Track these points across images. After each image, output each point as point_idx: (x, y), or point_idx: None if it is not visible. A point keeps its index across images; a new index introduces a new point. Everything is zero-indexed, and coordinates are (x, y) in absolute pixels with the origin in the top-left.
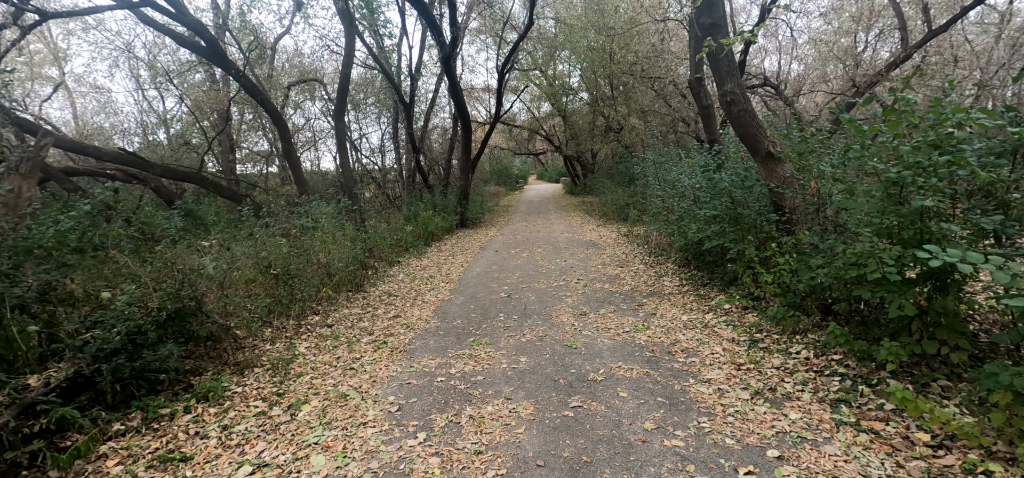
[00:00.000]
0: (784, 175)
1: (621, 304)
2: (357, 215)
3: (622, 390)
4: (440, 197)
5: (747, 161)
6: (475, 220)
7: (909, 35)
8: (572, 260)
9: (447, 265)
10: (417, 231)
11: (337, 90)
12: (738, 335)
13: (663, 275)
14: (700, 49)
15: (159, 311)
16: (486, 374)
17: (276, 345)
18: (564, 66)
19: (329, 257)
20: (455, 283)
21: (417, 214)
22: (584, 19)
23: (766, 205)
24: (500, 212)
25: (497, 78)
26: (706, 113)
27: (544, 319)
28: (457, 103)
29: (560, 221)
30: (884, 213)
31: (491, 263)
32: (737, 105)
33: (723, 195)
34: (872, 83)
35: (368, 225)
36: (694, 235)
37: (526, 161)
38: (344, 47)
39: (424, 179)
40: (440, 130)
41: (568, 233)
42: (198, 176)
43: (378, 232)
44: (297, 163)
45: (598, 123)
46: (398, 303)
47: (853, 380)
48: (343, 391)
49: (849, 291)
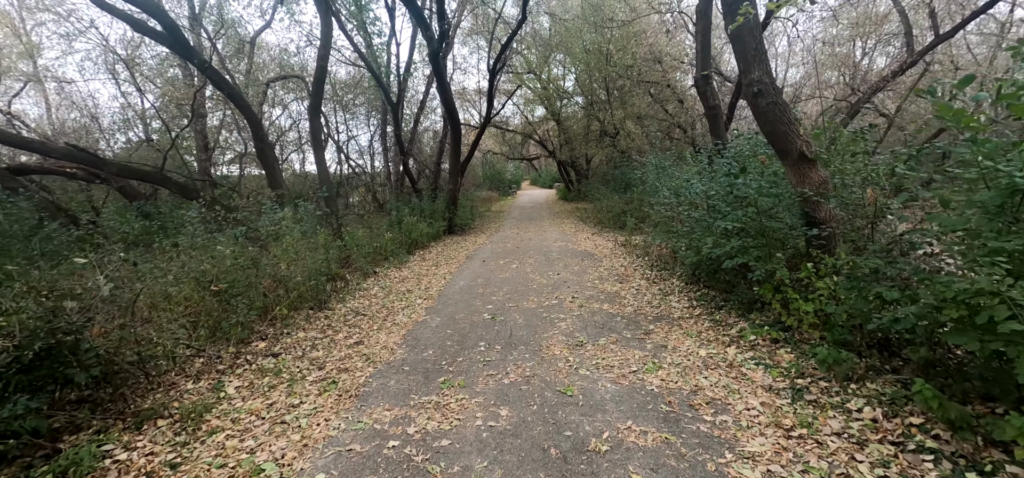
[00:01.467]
0: (819, 180)
1: (624, 331)
2: (333, 220)
3: (635, 470)
4: (428, 202)
5: (771, 164)
6: (464, 226)
7: (914, 41)
8: (566, 273)
9: (428, 277)
10: (400, 238)
11: (312, 82)
12: (774, 380)
13: (669, 293)
14: (708, 39)
15: (18, 350)
16: (454, 436)
17: (201, 383)
18: (559, 69)
19: (290, 269)
20: (434, 299)
21: (401, 220)
22: (581, 19)
23: (797, 216)
24: (491, 218)
25: (488, 77)
26: (713, 114)
27: (533, 350)
28: (445, 102)
29: (553, 228)
30: (1001, 234)
31: (477, 275)
32: (765, 96)
33: (746, 204)
34: (877, 88)
35: (346, 232)
36: (709, 250)
37: (519, 166)
38: (320, 35)
39: (412, 183)
40: (432, 133)
41: (561, 242)
42: (159, 175)
43: (355, 240)
44: (272, 162)
45: (593, 128)
46: (364, 325)
47: (954, 462)
48: (259, 463)
49: (931, 333)
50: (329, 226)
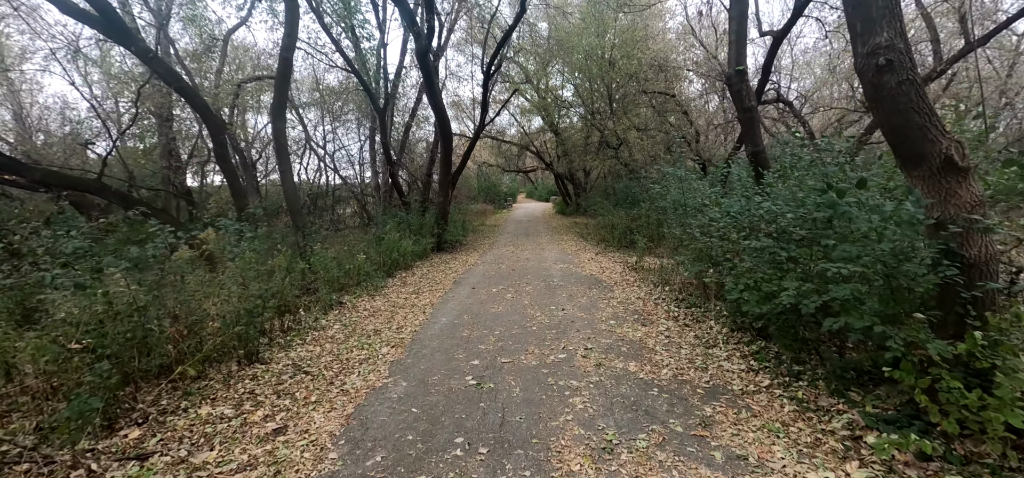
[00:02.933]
0: (973, 201)
1: (669, 418)
2: (299, 238)
3: None
4: (416, 216)
5: (893, 178)
6: (455, 243)
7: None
8: (572, 308)
9: (405, 310)
10: (379, 258)
11: (276, 79)
12: None
13: (711, 344)
14: (744, 27)
15: None
16: None
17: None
18: (557, 79)
19: (220, 305)
20: (404, 347)
21: (384, 236)
22: (582, 23)
23: (937, 255)
24: (485, 233)
25: (483, 79)
26: (748, 117)
27: (535, 459)
28: (435, 106)
29: (552, 246)
30: None
31: (463, 308)
32: (898, 72)
33: (866, 238)
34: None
35: (316, 251)
36: (796, 301)
37: (515, 179)
38: (284, 24)
39: (400, 196)
40: (425, 145)
41: (562, 262)
42: (96, 184)
43: (321, 262)
44: (231, 170)
45: (593, 138)
46: (300, 394)
47: None
48: None
49: None
50: (294, 245)
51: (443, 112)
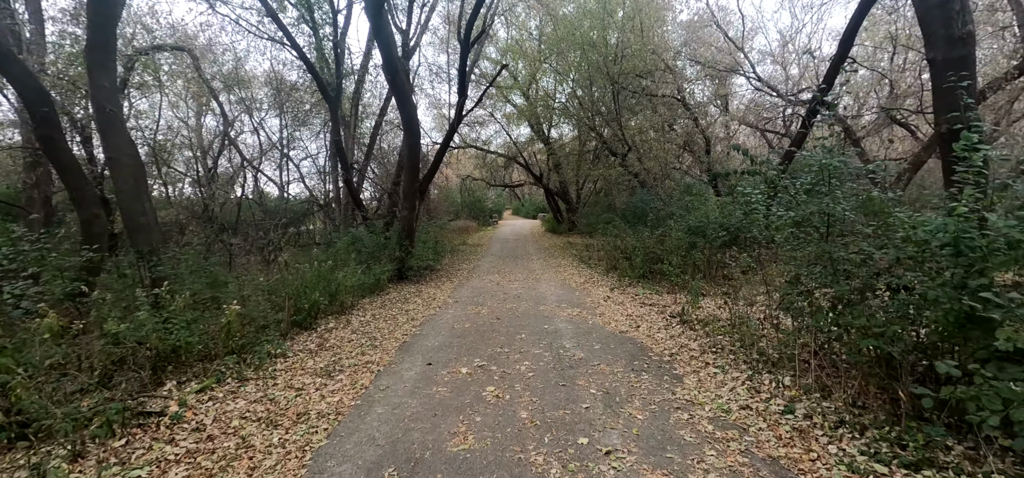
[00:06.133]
0: None
1: None
2: (142, 275)
3: None
4: (377, 234)
5: None
6: (423, 269)
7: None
8: (619, 431)
9: (283, 427)
10: (284, 301)
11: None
12: None
13: None
14: None
15: None
16: None
17: None
18: (548, 81)
19: None
20: None
21: (323, 261)
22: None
23: None
24: (465, 254)
25: (460, 53)
26: (960, 55)
27: None
28: (394, 87)
29: (548, 273)
30: None
31: (392, 437)
32: None
33: None
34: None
35: (161, 295)
36: None
37: (501, 194)
38: None
39: (359, 207)
40: (396, 156)
41: (569, 303)
42: None
43: (140, 325)
44: (68, 163)
45: (589, 145)
46: None
47: None
48: None
49: None
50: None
51: (406, 95)
